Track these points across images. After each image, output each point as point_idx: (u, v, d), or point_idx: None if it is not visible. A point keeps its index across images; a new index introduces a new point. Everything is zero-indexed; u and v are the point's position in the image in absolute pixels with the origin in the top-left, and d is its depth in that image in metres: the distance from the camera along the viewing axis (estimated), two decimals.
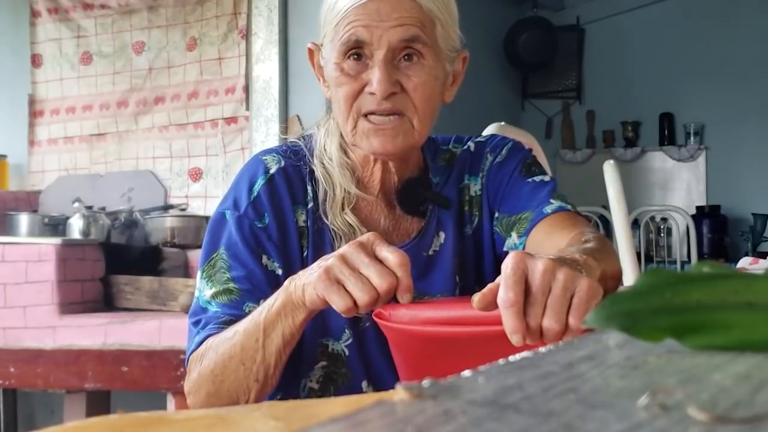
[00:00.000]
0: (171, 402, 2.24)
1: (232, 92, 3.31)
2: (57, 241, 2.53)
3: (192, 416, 0.57)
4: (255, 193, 1.14)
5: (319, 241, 1.15)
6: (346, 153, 1.18)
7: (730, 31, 4.92)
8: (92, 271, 2.59)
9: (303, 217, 1.15)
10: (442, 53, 1.13)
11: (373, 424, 0.34)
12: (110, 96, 3.58)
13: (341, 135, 1.17)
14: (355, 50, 1.09)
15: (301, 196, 1.16)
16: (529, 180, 1.21)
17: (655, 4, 5.10)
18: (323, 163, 1.18)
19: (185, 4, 3.44)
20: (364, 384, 1.15)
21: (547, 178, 1.22)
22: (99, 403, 2.52)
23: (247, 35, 3.28)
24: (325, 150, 1.18)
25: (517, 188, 1.21)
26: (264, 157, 1.18)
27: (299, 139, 1.22)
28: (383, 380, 1.14)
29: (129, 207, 3.19)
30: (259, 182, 1.15)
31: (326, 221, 1.15)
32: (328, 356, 1.14)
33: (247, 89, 3.27)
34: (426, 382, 0.40)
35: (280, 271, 1.11)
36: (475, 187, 1.24)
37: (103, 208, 3.11)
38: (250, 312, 1.05)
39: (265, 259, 1.11)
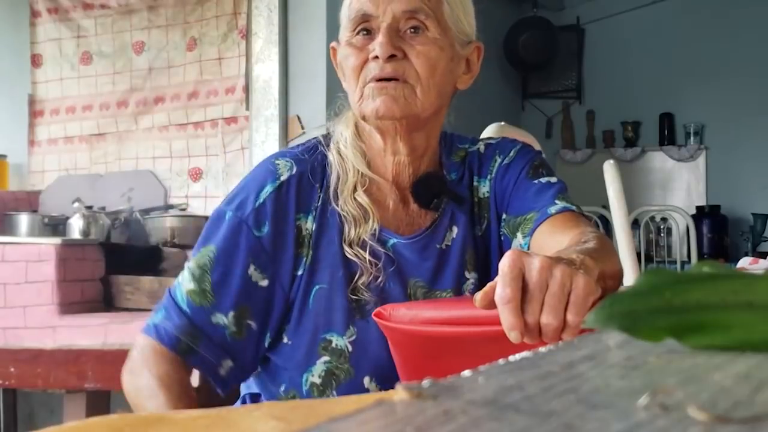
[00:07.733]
0: None
1: (232, 92, 3.31)
2: (57, 241, 2.52)
3: (192, 416, 0.57)
4: (261, 200, 1.15)
5: (324, 226, 1.16)
6: (360, 138, 1.21)
7: (730, 31, 4.91)
8: (92, 271, 2.59)
9: (307, 224, 1.16)
10: (450, 31, 1.16)
11: (373, 424, 0.34)
12: (110, 96, 3.58)
13: (356, 125, 1.21)
14: (363, 25, 1.13)
15: (311, 199, 1.17)
16: (536, 181, 1.21)
17: (655, 4, 5.10)
18: (338, 148, 1.20)
19: (185, 4, 3.44)
20: (367, 380, 1.15)
21: (554, 180, 1.22)
22: (99, 403, 2.51)
23: (247, 35, 3.28)
24: (341, 135, 1.21)
25: (523, 190, 1.21)
26: (276, 161, 1.19)
27: (319, 137, 1.25)
28: (386, 377, 1.14)
29: (129, 207, 3.19)
30: (268, 189, 1.15)
31: (336, 207, 1.16)
32: (331, 351, 1.14)
33: (247, 89, 3.27)
34: (426, 382, 0.40)
35: (265, 283, 1.13)
36: (483, 189, 1.25)
37: (103, 208, 3.10)
38: (215, 325, 1.11)
39: (252, 269, 1.13)
